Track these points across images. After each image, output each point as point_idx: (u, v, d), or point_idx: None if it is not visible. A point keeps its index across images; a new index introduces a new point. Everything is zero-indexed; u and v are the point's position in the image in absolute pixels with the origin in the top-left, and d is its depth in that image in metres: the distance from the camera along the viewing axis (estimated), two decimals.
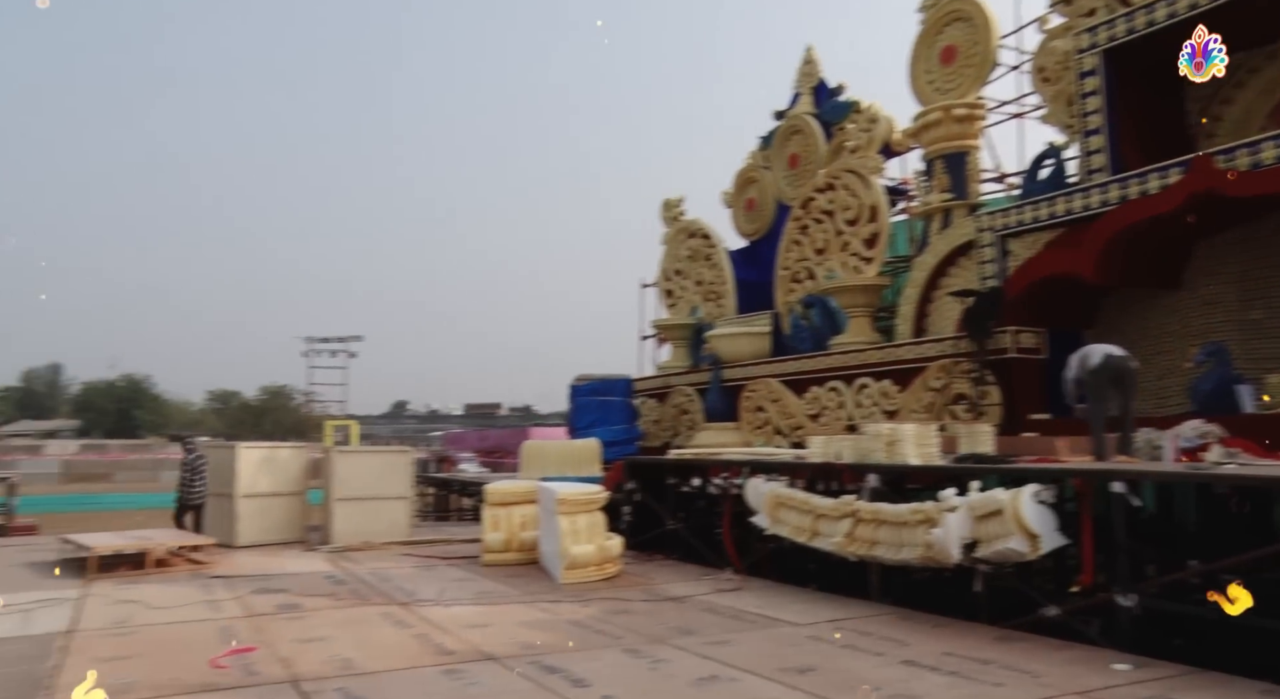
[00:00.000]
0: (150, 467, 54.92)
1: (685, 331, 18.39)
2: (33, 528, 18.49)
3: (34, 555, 11.48)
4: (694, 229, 18.83)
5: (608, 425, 16.86)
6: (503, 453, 33.18)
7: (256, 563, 10.70)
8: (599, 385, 17.76)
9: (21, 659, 6.10)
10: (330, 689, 5.25)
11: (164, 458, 57.45)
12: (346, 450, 13.67)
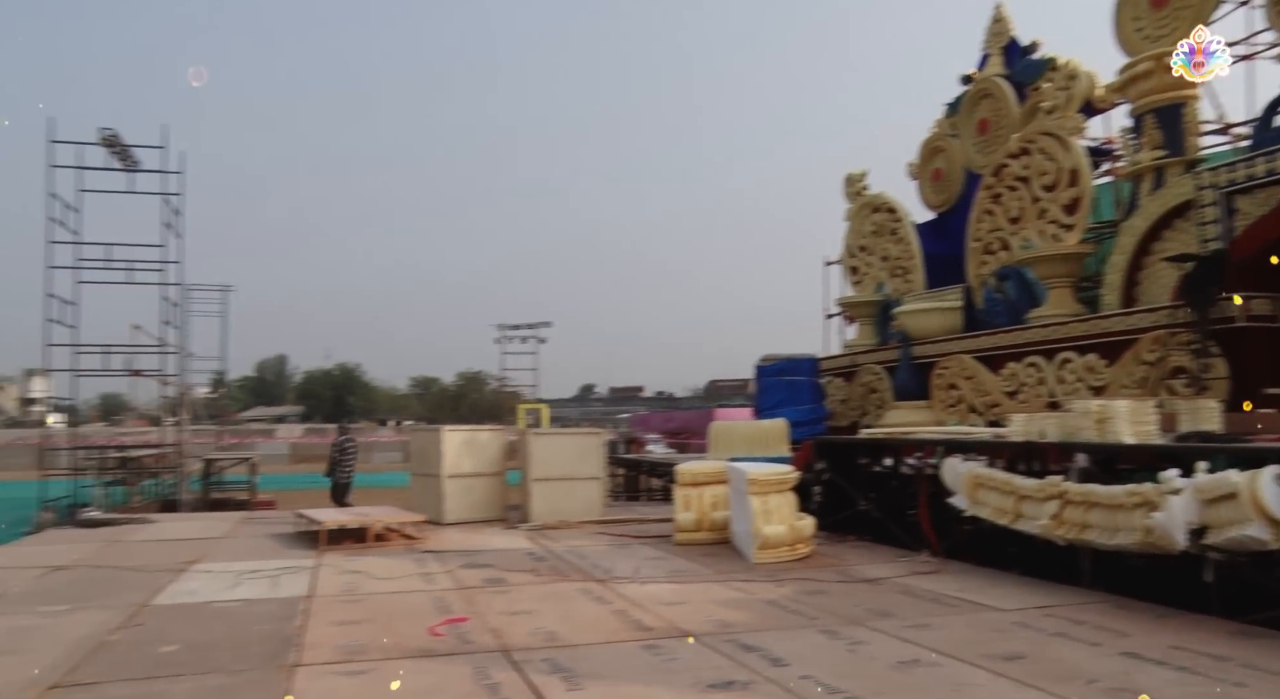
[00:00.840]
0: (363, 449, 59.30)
1: (872, 309, 17.93)
2: (271, 503, 20.46)
3: (275, 528, 12.70)
4: (878, 203, 18.29)
5: (794, 405, 16.71)
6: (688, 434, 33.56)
7: (463, 539, 11.37)
8: (785, 365, 17.64)
9: (273, 618, 6.80)
10: (538, 660, 5.53)
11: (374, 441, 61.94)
12: (542, 433, 14.24)
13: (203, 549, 10.62)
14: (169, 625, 6.62)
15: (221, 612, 7.12)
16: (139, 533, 12.55)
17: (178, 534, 12.29)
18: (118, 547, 11.03)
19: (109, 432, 46.18)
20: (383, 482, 35.80)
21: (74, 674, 5.33)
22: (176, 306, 23.06)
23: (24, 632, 6.45)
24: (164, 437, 24.68)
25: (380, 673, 5.27)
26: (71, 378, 21.18)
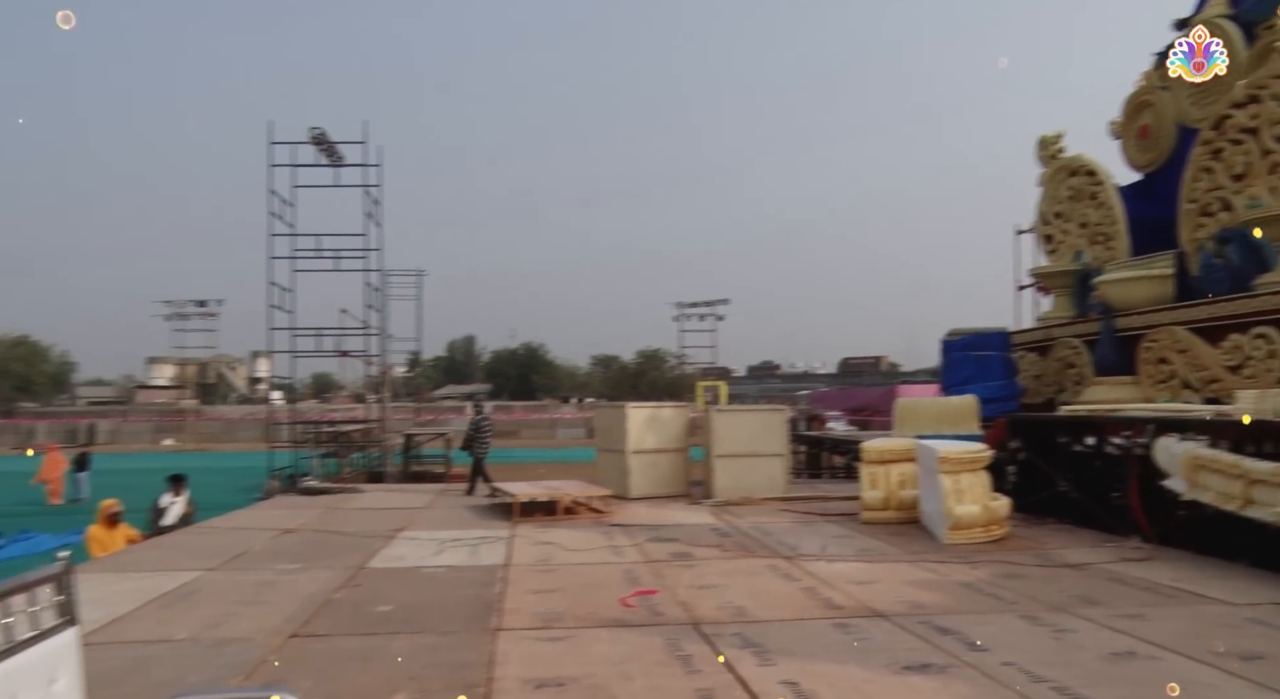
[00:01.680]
0: (548, 426, 61.56)
1: (1069, 279, 16.80)
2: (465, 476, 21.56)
3: (471, 500, 13.44)
4: (1075, 166, 17.08)
5: (984, 381, 15.95)
6: (870, 411, 32.80)
7: (648, 514, 11.63)
8: (973, 340, 16.84)
9: (474, 584, 7.21)
10: (728, 634, 5.59)
11: (558, 418, 64.11)
12: (725, 409, 14.27)
13: (407, 518, 11.39)
14: (383, 587, 7.16)
15: (429, 577, 7.62)
16: (351, 501, 13.61)
17: (384, 504, 13.23)
18: (335, 513, 12.00)
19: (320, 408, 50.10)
20: (567, 457, 37.11)
21: (308, 626, 5.87)
22: (377, 291, 24.67)
23: (266, 586, 7.15)
24: (368, 413, 26.53)
25: (577, 640, 5.50)
26: (290, 358, 23.15)
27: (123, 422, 62.15)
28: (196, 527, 11.03)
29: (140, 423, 62.40)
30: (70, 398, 78.18)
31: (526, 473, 21.07)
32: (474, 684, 4.62)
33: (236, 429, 59.09)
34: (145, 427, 61.27)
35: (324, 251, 22.65)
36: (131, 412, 68.13)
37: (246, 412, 65.38)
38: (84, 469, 24.36)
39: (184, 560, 8.31)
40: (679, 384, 71.90)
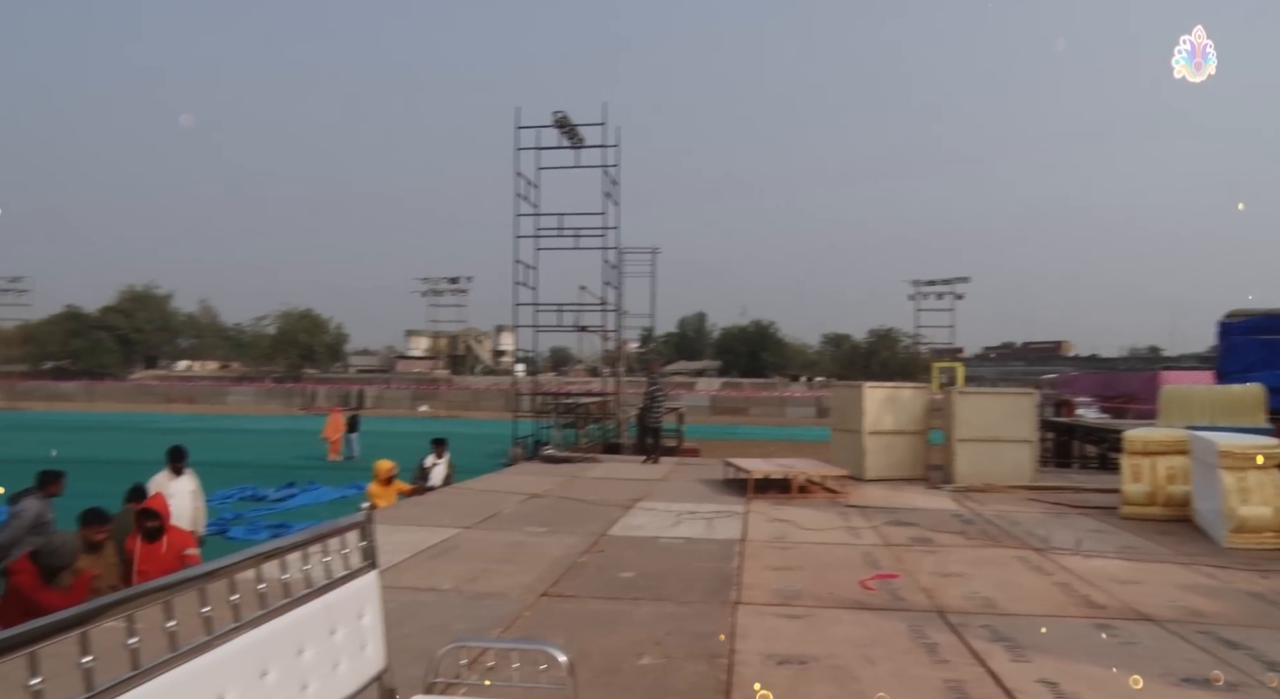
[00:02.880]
0: (777, 403, 61.32)
1: None
2: (696, 451, 21.97)
3: (704, 474, 13.67)
4: None
5: (1272, 368, 14.23)
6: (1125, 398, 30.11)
7: (884, 496, 11.32)
8: (1261, 321, 15.05)
9: (711, 557, 7.34)
10: (976, 625, 5.35)
11: (787, 396, 63.69)
12: (969, 392, 13.58)
13: (644, 489, 11.75)
14: (625, 554, 7.43)
15: (667, 547, 7.83)
16: (591, 471, 14.22)
17: (621, 475, 13.72)
18: (576, 482, 12.59)
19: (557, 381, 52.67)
20: (796, 435, 36.85)
21: (557, 586, 6.22)
22: (614, 268, 25.48)
23: (517, 546, 7.65)
24: (604, 386, 27.58)
25: (817, 619, 5.46)
26: (532, 333, 24.44)
27: (385, 388, 68.30)
28: (453, 487, 11.95)
29: (400, 390, 68.32)
30: (343, 366, 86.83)
31: (756, 450, 21.12)
32: (716, 655, 4.71)
33: (482, 398, 63.33)
34: (404, 393, 67.02)
35: (565, 230, 23.68)
36: (393, 379, 74.74)
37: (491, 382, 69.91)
38: (354, 430, 26.98)
39: (444, 518, 9.03)
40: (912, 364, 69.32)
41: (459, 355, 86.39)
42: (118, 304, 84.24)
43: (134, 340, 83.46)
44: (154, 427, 39.57)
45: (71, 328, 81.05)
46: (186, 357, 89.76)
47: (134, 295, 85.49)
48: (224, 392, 69.43)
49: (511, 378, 44.27)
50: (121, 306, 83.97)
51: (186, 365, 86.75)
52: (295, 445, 30.25)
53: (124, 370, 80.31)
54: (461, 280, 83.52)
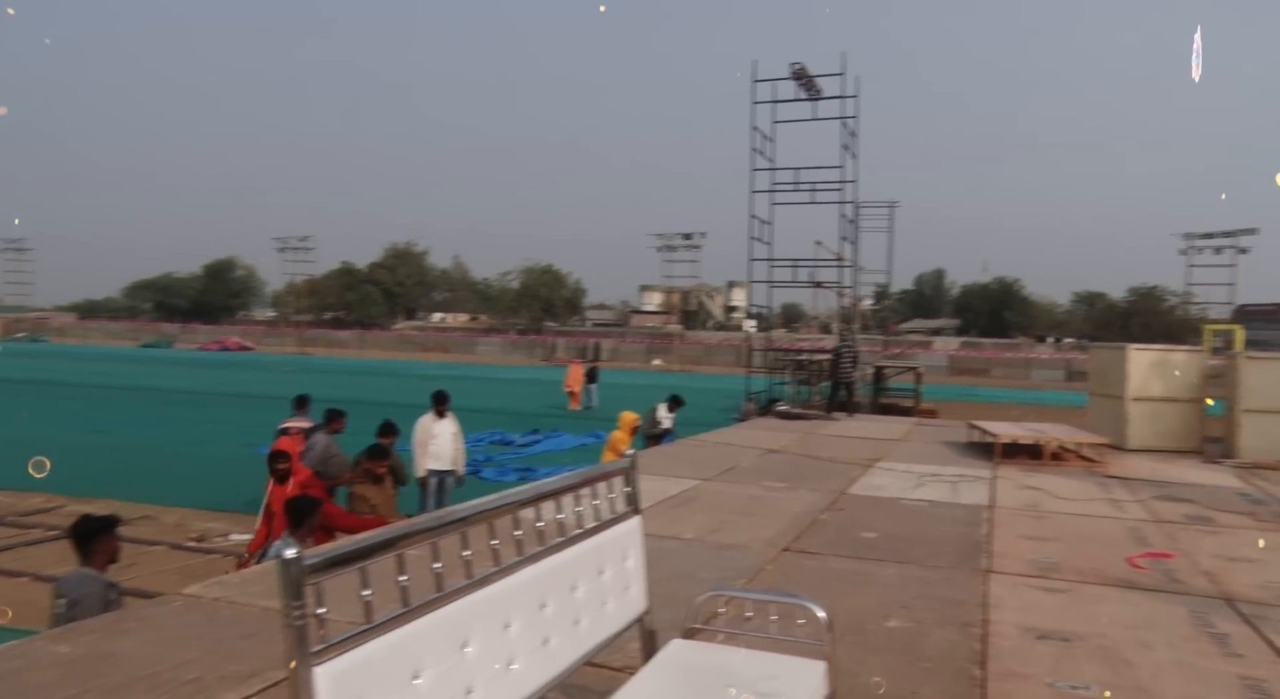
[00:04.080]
0: (1021, 365, 57.62)
1: None
2: (933, 412, 21.11)
3: (944, 436, 13.11)
4: None
5: None
6: None
7: (1150, 468, 10.37)
8: None
9: (957, 522, 7.04)
10: (1275, 617, 4.79)
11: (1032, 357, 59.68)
12: (1259, 356, 12.11)
13: (882, 449, 11.44)
14: (865, 514, 7.28)
15: (910, 509, 7.59)
16: (826, 428, 14.02)
17: (857, 432, 13.42)
18: (812, 438, 12.46)
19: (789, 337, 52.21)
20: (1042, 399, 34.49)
21: (799, 542, 6.20)
22: (851, 223, 24.75)
23: (755, 500, 7.69)
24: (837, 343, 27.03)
25: (1080, 595, 5.10)
26: (767, 288, 24.31)
27: (620, 342, 70.62)
28: (688, 440, 12.18)
29: (634, 344, 70.40)
30: (581, 319, 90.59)
31: (998, 413, 20.01)
32: (968, 623, 4.52)
33: (714, 353, 64.04)
34: (638, 347, 69.00)
35: (801, 185, 23.25)
36: (627, 333, 77.11)
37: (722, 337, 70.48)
38: (594, 381, 28.13)
39: (683, 469, 9.23)
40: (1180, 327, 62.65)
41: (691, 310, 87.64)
42: (383, 260, 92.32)
43: (396, 294, 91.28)
44: (413, 373, 43.20)
45: (346, 282, 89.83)
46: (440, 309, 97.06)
47: (397, 252, 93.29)
48: (473, 342, 74.52)
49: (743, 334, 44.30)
50: (386, 263, 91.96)
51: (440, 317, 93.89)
52: (538, 394, 32.00)
53: (388, 321, 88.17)
54: (695, 236, 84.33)
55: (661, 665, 2.67)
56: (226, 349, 68.10)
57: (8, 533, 10.54)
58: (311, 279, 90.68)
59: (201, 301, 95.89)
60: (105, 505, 11.63)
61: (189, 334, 79.85)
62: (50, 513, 11.58)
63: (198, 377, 38.65)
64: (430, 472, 10.02)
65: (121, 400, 27.56)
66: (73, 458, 15.86)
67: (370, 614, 1.73)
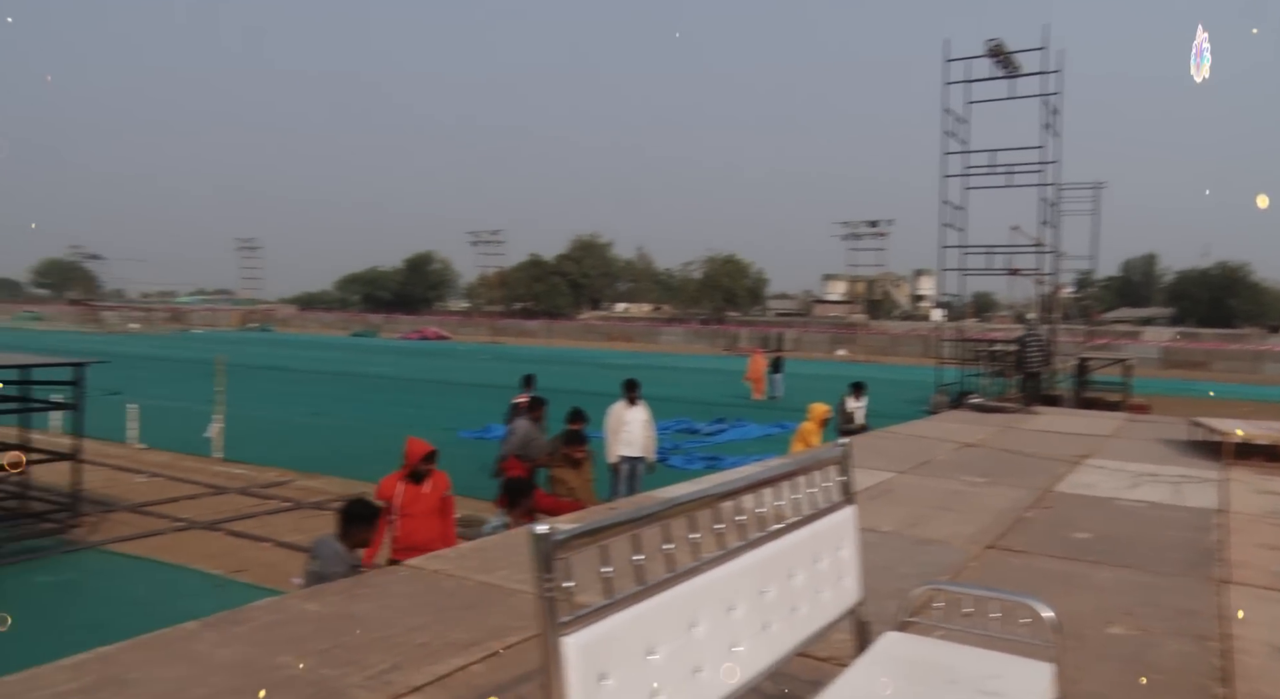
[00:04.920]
0: (1248, 358, 52.49)
1: None
2: (1146, 407, 19.61)
3: (1161, 432, 12.16)
4: None
5: None
6: None
7: None
8: None
9: (1183, 526, 6.52)
10: None
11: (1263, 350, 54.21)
12: None
13: (1091, 445, 10.75)
14: (1076, 513, 6.87)
15: (1126, 510, 7.10)
16: (1025, 422, 13.32)
17: (1061, 427, 12.67)
18: (1011, 433, 11.88)
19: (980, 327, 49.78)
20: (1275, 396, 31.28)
21: (1003, 540, 5.93)
22: (1052, 207, 23.31)
23: (954, 495, 7.42)
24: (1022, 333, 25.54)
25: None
26: (958, 276, 23.32)
27: (803, 331, 69.72)
28: (878, 432, 11.89)
29: (817, 334, 69.32)
30: (762, 309, 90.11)
31: (1222, 410, 18.32)
32: (1204, 636, 4.18)
33: (900, 343, 62.09)
34: (821, 337, 67.90)
35: (997, 167, 22.13)
36: (810, 323, 76.03)
37: (909, 327, 68.21)
38: (779, 371, 27.94)
39: (876, 461, 9.02)
40: None
41: (876, 300, 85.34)
42: (570, 252, 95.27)
43: (582, 284, 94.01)
44: (598, 362, 44.41)
45: (535, 273, 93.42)
46: (624, 299, 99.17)
47: (583, 244, 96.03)
48: (656, 331, 75.67)
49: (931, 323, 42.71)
50: (572, 254, 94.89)
51: (624, 307, 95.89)
52: (721, 384, 32.13)
53: (574, 311, 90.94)
54: (882, 223, 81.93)
55: (878, 658, 2.64)
56: (425, 338, 72.42)
57: (251, 502, 11.70)
58: (502, 271, 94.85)
59: (403, 293, 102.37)
60: (327, 482, 12.70)
61: (392, 324, 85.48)
62: (283, 486, 12.75)
63: (401, 364, 41.34)
64: (622, 458, 10.29)
65: (337, 385, 29.91)
66: (298, 437, 17.37)
67: (611, 590, 1.82)
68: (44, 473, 10.99)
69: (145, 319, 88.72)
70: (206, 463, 14.35)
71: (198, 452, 15.00)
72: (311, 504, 11.42)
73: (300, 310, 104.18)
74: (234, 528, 10.27)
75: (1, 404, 10.90)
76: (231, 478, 13.16)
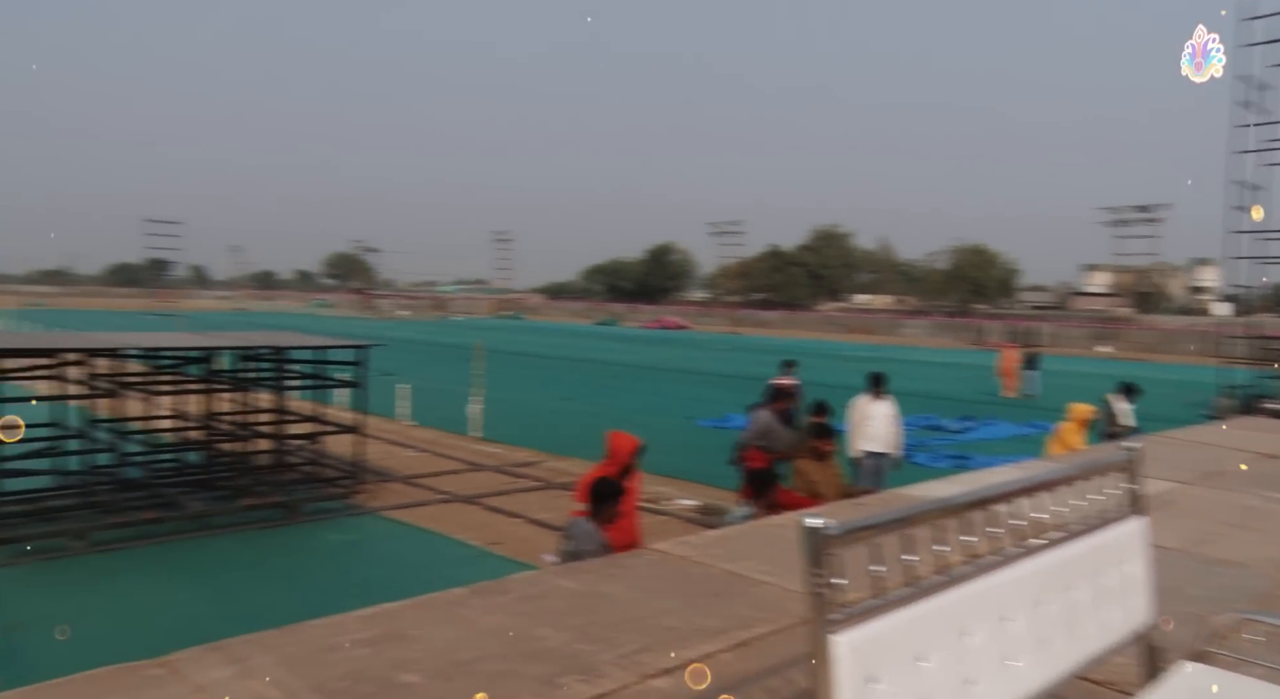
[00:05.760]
0: None
1: None
2: None
3: None
4: None
5: None
6: None
7: None
8: None
9: None
10: None
11: None
12: None
13: None
14: None
15: None
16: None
17: None
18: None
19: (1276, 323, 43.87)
20: None
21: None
22: None
23: (1251, 511, 6.59)
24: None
25: None
26: (1250, 265, 20.71)
27: (1060, 326, 64.77)
28: (1153, 436, 10.78)
29: (1075, 328, 64.14)
30: (1012, 301, 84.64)
31: None
32: None
33: (1173, 340, 56.18)
34: (1080, 332, 62.75)
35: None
36: (1067, 317, 70.49)
37: (1186, 323, 61.52)
38: (1034, 368, 26.12)
39: (1154, 469, 8.14)
40: None
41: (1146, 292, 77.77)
42: (809, 243, 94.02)
43: (821, 275, 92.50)
44: (838, 354, 43.52)
45: (774, 264, 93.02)
46: (865, 291, 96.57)
47: (822, 234, 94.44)
48: (898, 324, 73.09)
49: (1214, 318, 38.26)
50: (812, 245, 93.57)
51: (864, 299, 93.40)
52: (967, 379, 30.53)
53: (813, 302, 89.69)
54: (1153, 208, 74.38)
55: (1175, 690, 2.38)
56: (665, 327, 74.16)
57: (505, 480, 12.50)
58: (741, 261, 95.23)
59: (644, 283, 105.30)
60: (574, 464, 13.31)
61: (633, 313, 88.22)
62: (534, 466, 13.51)
63: (642, 352, 42.58)
64: (866, 453, 10.01)
65: (582, 371, 31.29)
66: (548, 420, 18.34)
67: (881, 590, 1.75)
68: (332, 443, 12.29)
69: (412, 306, 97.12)
70: (466, 441, 15.48)
71: (458, 430, 16.20)
72: (560, 485, 12.01)
73: (548, 299, 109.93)
74: (490, 503, 11.00)
75: (303, 381, 12.32)
76: (488, 456, 14.11)
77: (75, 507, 9.67)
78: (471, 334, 41.95)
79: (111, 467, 10.18)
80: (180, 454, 12.44)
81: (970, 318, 72.54)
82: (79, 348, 10.08)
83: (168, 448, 12.52)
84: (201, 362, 12.32)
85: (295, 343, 11.87)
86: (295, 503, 10.54)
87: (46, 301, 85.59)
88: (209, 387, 12.18)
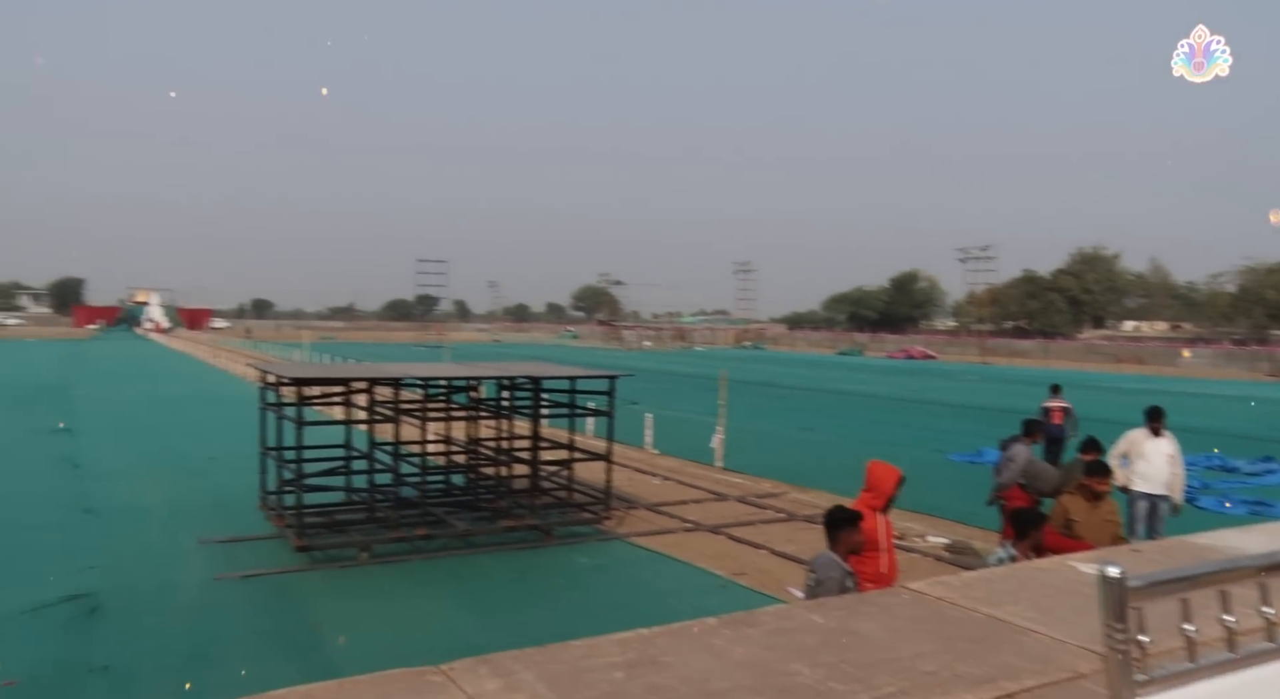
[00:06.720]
0: None
1: None
2: None
3: None
4: None
5: None
6: None
7: None
8: None
9: None
10: None
11: None
12: None
13: None
14: None
15: None
16: None
17: None
18: None
19: None
20: None
21: None
22: None
23: None
24: None
25: None
26: None
27: None
28: None
29: None
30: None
31: None
32: None
33: None
34: None
35: None
36: None
37: None
38: None
39: None
40: None
41: None
42: (1068, 266, 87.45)
43: (1082, 301, 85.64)
44: (1104, 385, 39.97)
45: (1028, 290, 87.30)
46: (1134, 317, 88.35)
47: (1084, 257, 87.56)
48: (1174, 353, 66.10)
49: None
50: (1072, 269, 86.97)
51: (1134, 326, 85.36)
52: (1264, 415, 27.03)
53: (1073, 330, 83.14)
54: None
55: None
56: (911, 357, 71.43)
57: (748, 510, 12.46)
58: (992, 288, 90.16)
59: (888, 312, 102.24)
60: (818, 496, 13.05)
61: (877, 343, 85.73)
62: (777, 497, 13.38)
63: (888, 382, 41.19)
64: (1140, 494, 9.08)
65: (824, 401, 30.73)
66: (790, 450, 18.15)
67: (1194, 652, 1.56)
68: (582, 469, 12.79)
69: (656, 337, 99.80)
70: (708, 470, 15.59)
71: (701, 459, 16.36)
72: (804, 517, 11.80)
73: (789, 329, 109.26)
74: (734, 533, 10.99)
75: (556, 409, 12.95)
76: (730, 486, 14.14)
77: (361, 521, 10.70)
78: (713, 364, 42.40)
79: (390, 486, 11.16)
80: (447, 476, 13.43)
81: (1267, 345, 64.23)
82: (365, 377, 11.16)
83: (436, 470, 13.56)
84: (467, 390, 13.28)
85: (551, 373, 12.51)
86: (549, 526, 11.06)
87: (336, 335, 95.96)
88: (473, 413, 13.11)
